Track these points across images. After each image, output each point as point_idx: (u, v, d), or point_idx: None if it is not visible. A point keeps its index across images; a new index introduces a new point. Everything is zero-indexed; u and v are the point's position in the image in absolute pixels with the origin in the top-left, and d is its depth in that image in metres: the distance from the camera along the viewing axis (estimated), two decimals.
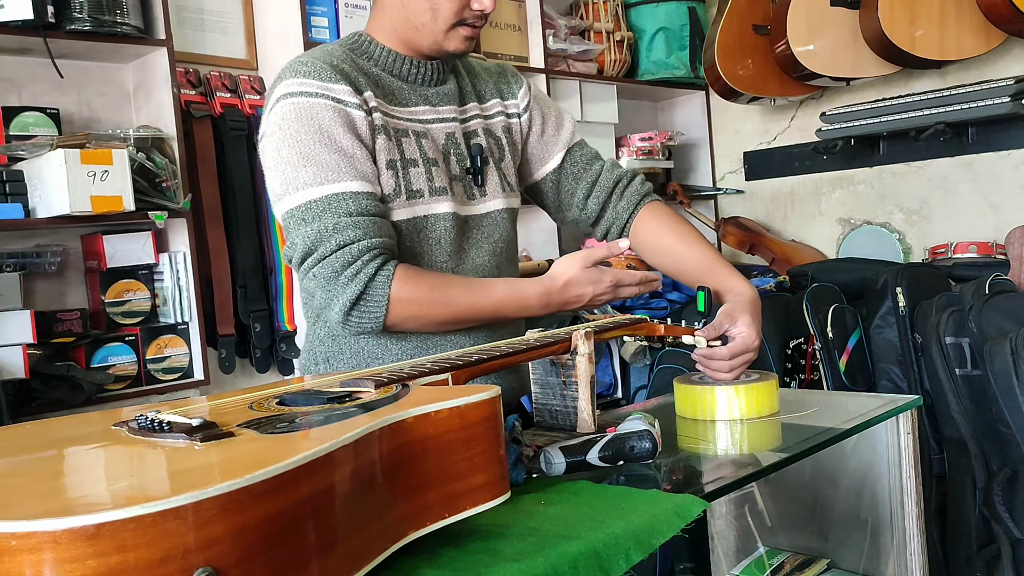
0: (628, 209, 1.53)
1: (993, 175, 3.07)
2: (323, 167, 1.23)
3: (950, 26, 2.85)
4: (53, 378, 2.16)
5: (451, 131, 1.39)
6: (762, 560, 1.60)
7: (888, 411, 1.35)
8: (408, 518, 0.74)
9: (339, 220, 1.22)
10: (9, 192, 2.09)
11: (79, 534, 0.50)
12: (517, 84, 1.52)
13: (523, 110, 1.51)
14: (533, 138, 1.53)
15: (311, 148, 1.23)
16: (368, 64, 1.36)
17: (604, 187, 1.53)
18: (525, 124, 1.52)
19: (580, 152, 1.55)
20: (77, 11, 2.17)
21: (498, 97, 1.50)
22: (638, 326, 1.36)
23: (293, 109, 1.25)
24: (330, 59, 1.30)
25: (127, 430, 0.75)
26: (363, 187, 1.25)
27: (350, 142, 1.25)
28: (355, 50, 1.37)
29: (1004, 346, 2.26)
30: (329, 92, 1.26)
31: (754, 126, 3.71)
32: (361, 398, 0.85)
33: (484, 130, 1.45)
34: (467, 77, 1.48)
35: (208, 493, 0.53)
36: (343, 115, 1.26)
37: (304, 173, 1.23)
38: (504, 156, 1.47)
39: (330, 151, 1.24)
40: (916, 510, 1.40)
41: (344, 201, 1.23)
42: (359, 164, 1.25)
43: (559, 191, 1.55)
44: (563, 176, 1.54)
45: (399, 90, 1.36)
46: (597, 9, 3.39)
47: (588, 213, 1.54)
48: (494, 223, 1.42)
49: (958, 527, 2.43)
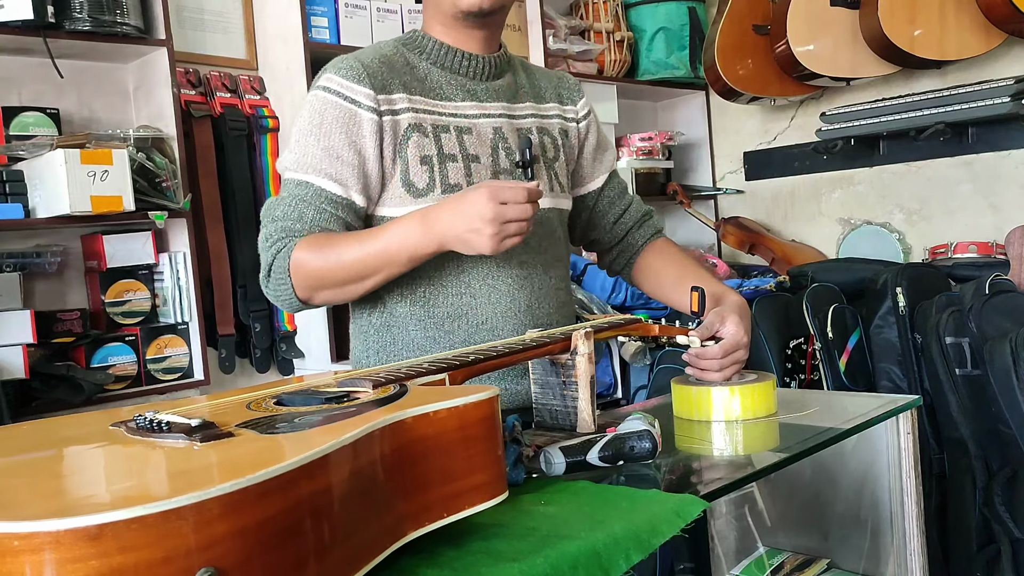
0: (643, 239, 1.60)
1: (993, 175, 3.07)
2: (306, 156, 1.31)
3: (950, 26, 2.85)
4: (53, 378, 2.16)
5: (499, 126, 1.41)
6: (762, 560, 1.60)
7: (888, 411, 1.35)
8: (407, 518, 0.74)
9: (293, 204, 1.29)
10: (9, 192, 2.09)
11: (81, 535, 0.50)
12: (578, 93, 1.56)
13: (582, 118, 1.54)
14: (588, 151, 1.56)
15: (307, 138, 1.32)
16: (419, 58, 1.39)
17: (633, 217, 1.61)
18: (583, 133, 1.55)
19: (616, 179, 1.62)
20: (77, 11, 2.17)
21: (557, 101, 1.52)
22: (633, 326, 1.36)
23: (313, 101, 1.34)
24: (372, 57, 1.35)
25: (126, 430, 0.75)
26: (331, 187, 1.30)
27: (344, 145, 1.30)
28: (408, 44, 1.41)
29: (1004, 346, 2.26)
30: (346, 92, 1.31)
31: (754, 126, 3.71)
32: (359, 398, 0.85)
33: (539, 128, 1.46)
34: (525, 76, 1.50)
35: (210, 493, 0.53)
36: (350, 116, 1.30)
37: (291, 156, 1.33)
38: (558, 156, 1.49)
39: (318, 145, 1.30)
40: (916, 510, 1.40)
41: (305, 189, 1.30)
42: (340, 166, 1.30)
43: (594, 210, 1.60)
44: (601, 198, 1.59)
45: (447, 85, 1.39)
46: (597, 9, 3.39)
47: (613, 236, 1.61)
48: (540, 220, 1.41)
49: (958, 527, 2.43)
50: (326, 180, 1.30)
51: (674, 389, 1.37)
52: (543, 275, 1.42)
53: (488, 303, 1.36)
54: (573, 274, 3.02)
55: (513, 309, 1.37)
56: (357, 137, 1.30)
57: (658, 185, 3.61)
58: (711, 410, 1.31)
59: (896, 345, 2.60)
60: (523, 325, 1.36)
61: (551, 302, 1.42)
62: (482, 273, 1.36)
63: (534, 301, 1.39)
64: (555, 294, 1.43)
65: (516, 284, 1.37)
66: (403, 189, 1.33)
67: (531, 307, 1.38)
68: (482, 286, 1.36)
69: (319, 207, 1.29)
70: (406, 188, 1.33)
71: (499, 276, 1.36)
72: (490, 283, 1.36)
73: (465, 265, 1.35)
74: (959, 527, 2.43)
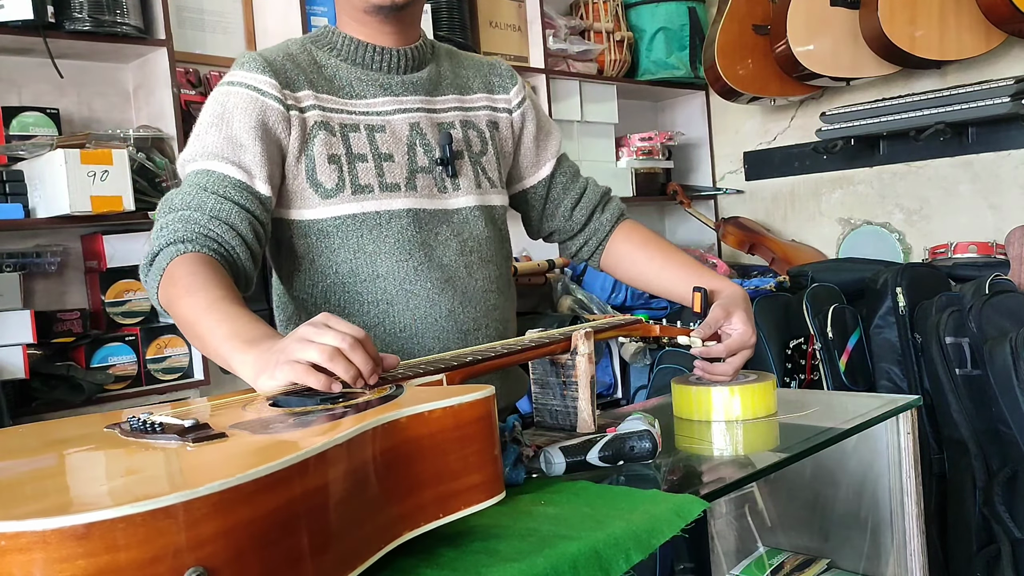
0: (610, 222, 1.54)
1: (993, 175, 3.06)
2: (206, 147, 1.24)
3: (950, 26, 2.84)
4: (53, 378, 2.16)
5: (415, 121, 1.35)
6: (762, 560, 1.60)
7: (888, 411, 1.35)
8: (402, 518, 0.74)
9: (193, 193, 1.20)
10: (9, 192, 2.09)
11: (69, 534, 0.50)
12: (511, 81, 1.49)
13: (515, 106, 1.47)
14: (527, 140, 1.50)
15: (207, 130, 1.25)
16: (328, 56, 1.34)
17: (591, 200, 1.54)
18: (517, 122, 1.48)
19: (567, 163, 1.55)
20: (77, 11, 2.17)
21: (486, 91, 1.45)
22: (633, 326, 1.36)
23: (214, 95, 1.28)
24: (276, 53, 1.30)
25: (120, 432, 0.75)
26: (234, 172, 1.22)
27: (246, 132, 1.23)
28: (317, 41, 1.36)
29: (1004, 346, 2.26)
30: (249, 81, 1.26)
31: (754, 126, 3.71)
32: (355, 398, 0.85)
33: (462, 122, 1.40)
34: (450, 67, 1.43)
35: (199, 492, 0.53)
36: (256, 104, 1.24)
37: (189, 150, 1.26)
38: (486, 150, 1.42)
39: (219, 135, 1.23)
40: (916, 510, 1.39)
41: (206, 177, 1.21)
42: (242, 153, 1.22)
43: (547, 200, 1.54)
44: (553, 185, 1.54)
45: (357, 81, 1.33)
46: (597, 9, 3.39)
47: (573, 224, 1.54)
48: (464, 220, 1.37)
49: (958, 527, 2.43)
50: (228, 166, 1.21)
51: (674, 389, 1.37)
52: (467, 278, 1.35)
53: (407, 309, 1.30)
54: (573, 274, 3.01)
55: (433, 315, 1.31)
56: (261, 123, 1.24)
57: (658, 185, 3.61)
58: (711, 410, 1.31)
59: (896, 345, 2.60)
60: (446, 332, 1.31)
61: (478, 307, 1.35)
62: (399, 278, 1.30)
63: (456, 306, 1.32)
64: (483, 297, 1.36)
65: (436, 288, 1.31)
66: (311, 189, 1.28)
67: (453, 312, 1.32)
68: (399, 292, 1.30)
69: (221, 195, 1.19)
70: (313, 188, 1.28)
71: (417, 281, 1.30)
72: (407, 288, 1.30)
73: (380, 270, 1.29)
74: (959, 527, 2.42)
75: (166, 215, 1.19)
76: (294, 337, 0.91)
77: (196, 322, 1.06)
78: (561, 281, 2.95)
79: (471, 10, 3.00)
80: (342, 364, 0.87)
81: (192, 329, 1.08)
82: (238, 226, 1.19)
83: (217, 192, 1.20)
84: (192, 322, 1.06)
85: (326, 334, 0.89)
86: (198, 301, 1.07)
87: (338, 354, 0.87)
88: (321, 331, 0.90)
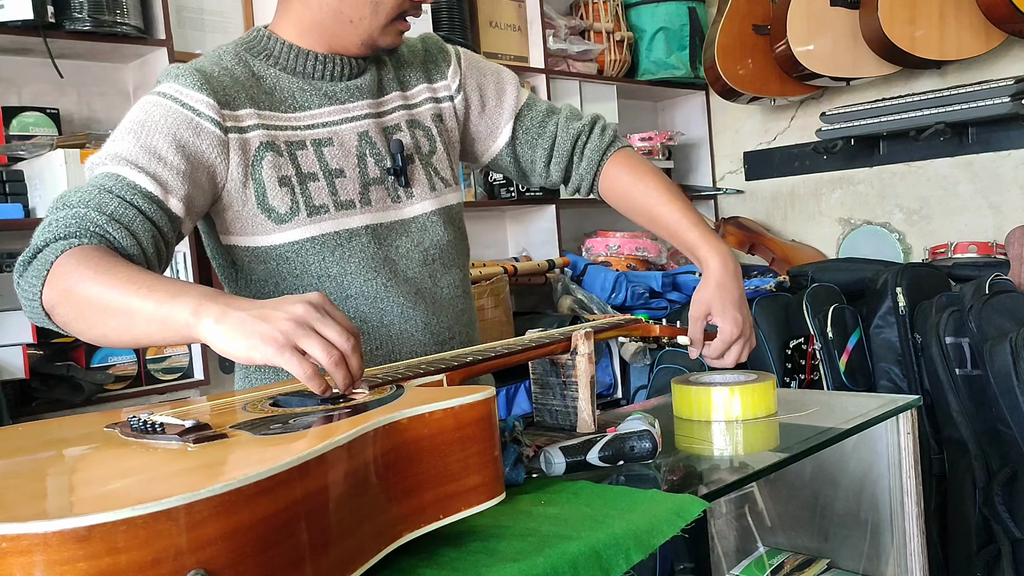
0: (591, 170, 1.45)
1: (993, 175, 3.06)
2: (119, 152, 1.11)
3: (950, 26, 2.84)
4: (53, 378, 2.16)
5: (363, 130, 1.28)
6: (762, 560, 1.60)
7: (888, 411, 1.35)
8: (402, 519, 0.74)
9: (94, 193, 1.05)
10: (9, 192, 2.09)
11: (70, 536, 0.50)
12: (445, 63, 1.39)
13: (455, 91, 1.39)
14: (474, 117, 1.41)
15: (124, 136, 1.13)
16: (264, 65, 1.24)
17: (563, 150, 1.44)
18: (460, 106, 1.40)
19: (530, 115, 1.44)
20: (77, 11, 2.17)
21: (425, 82, 1.37)
22: (633, 326, 1.36)
23: (141, 103, 1.17)
24: (213, 67, 1.20)
25: (120, 432, 0.75)
26: (144, 182, 1.08)
27: (169, 147, 1.11)
28: (251, 49, 1.25)
29: (1004, 346, 2.26)
30: (183, 98, 1.15)
31: (754, 126, 3.71)
32: (355, 399, 0.84)
33: (408, 122, 1.33)
34: (389, 64, 1.35)
35: (201, 495, 0.53)
36: (187, 123, 1.14)
37: (99, 154, 1.13)
38: (435, 149, 1.35)
39: (136, 143, 1.11)
40: (916, 510, 1.39)
41: (112, 180, 1.07)
42: (159, 167, 1.10)
43: (518, 162, 1.46)
44: (518, 146, 1.44)
45: (299, 92, 1.25)
46: (597, 9, 3.39)
47: (553, 179, 1.47)
48: (422, 228, 1.31)
49: (958, 527, 2.43)
50: (141, 175, 1.08)
51: (674, 389, 1.37)
52: (433, 288, 1.31)
53: (381, 327, 1.25)
54: (573, 274, 3.02)
55: (409, 330, 1.27)
56: (191, 144, 1.13)
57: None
58: (711, 410, 1.31)
59: (896, 345, 2.60)
60: (422, 344, 1.27)
61: (448, 314, 1.32)
62: (369, 297, 1.24)
63: (431, 318, 1.29)
64: (451, 304, 1.33)
65: (409, 303, 1.27)
66: (263, 215, 1.19)
67: (428, 325, 1.28)
68: (372, 311, 1.24)
69: (125, 200, 1.05)
70: (266, 214, 1.19)
71: (387, 298, 1.25)
72: (379, 306, 1.25)
73: (349, 291, 1.24)
74: (959, 527, 2.42)
75: (57, 212, 1.04)
76: (290, 312, 0.82)
77: (118, 297, 0.91)
78: (561, 281, 2.95)
79: (471, 10, 3.00)
80: (343, 372, 0.82)
81: (109, 308, 0.92)
82: (139, 235, 1.05)
83: (123, 197, 1.06)
84: (109, 301, 0.91)
85: (328, 326, 0.83)
86: (115, 275, 0.93)
87: (342, 361, 0.82)
88: (323, 320, 0.83)
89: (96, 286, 0.93)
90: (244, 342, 0.82)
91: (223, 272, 1.30)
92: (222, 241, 1.25)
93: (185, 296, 0.88)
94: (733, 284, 1.32)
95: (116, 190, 1.06)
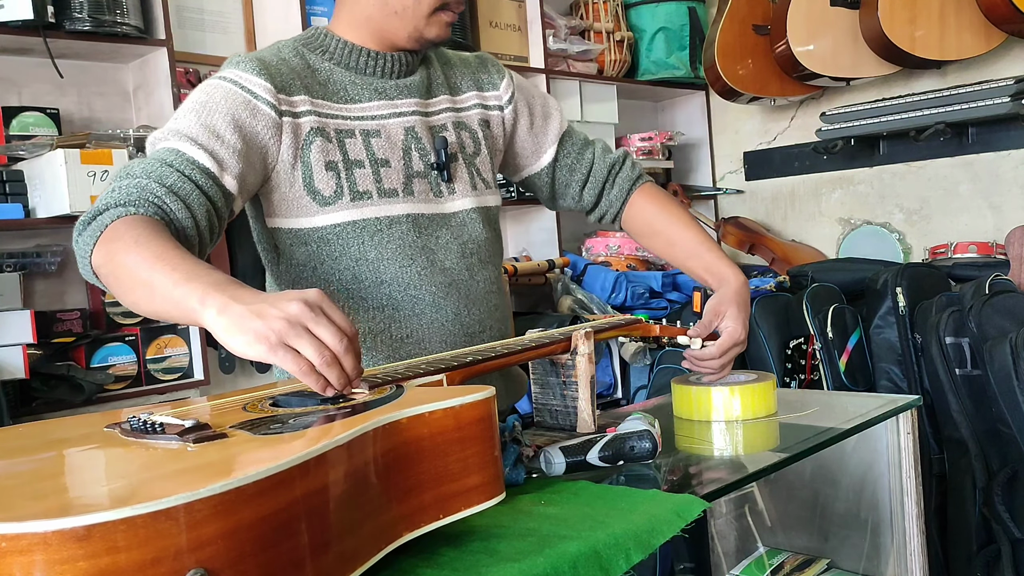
0: (620, 197, 1.53)
1: (993, 175, 3.06)
2: (180, 129, 1.16)
3: (950, 26, 2.84)
4: (53, 378, 2.16)
5: (410, 125, 1.33)
6: (762, 560, 1.60)
7: (888, 411, 1.35)
8: (402, 519, 0.74)
9: (156, 165, 1.12)
10: (9, 192, 2.09)
11: (69, 535, 0.50)
12: (499, 75, 1.47)
13: (506, 103, 1.46)
14: (522, 131, 1.48)
15: (186, 115, 1.18)
16: (320, 59, 1.31)
17: (599, 177, 1.52)
18: (509, 117, 1.46)
19: (571, 142, 1.53)
20: (77, 11, 2.17)
21: (475, 89, 1.44)
22: (633, 326, 1.36)
23: (202, 87, 1.23)
24: (271, 56, 1.27)
25: (120, 431, 0.75)
26: (203, 158, 1.14)
27: (227, 126, 1.17)
28: (308, 44, 1.32)
29: (1004, 346, 2.26)
30: (243, 82, 1.21)
31: (754, 126, 3.71)
32: (355, 399, 0.84)
33: (455, 123, 1.39)
34: (440, 68, 1.42)
35: (200, 494, 0.53)
36: (246, 104, 1.20)
37: (160, 131, 1.18)
38: (479, 151, 1.41)
39: (198, 122, 1.17)
40: (916, 510, 1.40)
41: (173, 155, 1.13)
42: (217, 144, 1.15)
43: (554, 183, 1.54)
44: (558, 169, 1.52)
45: (351, 85, 1.31)
46: (597, 9, 3.39)
47: (584, 203, 1.55)
48: (462, 223, 1.36)
49: (958, 527, 2.43)
50: (200, 151, 1.14)
51: (674, 389, 1.37)
52: (469, 280, 1.35)
53: (412, 315, 1.28)
54: (573, 274, 3.01)
55: (439, 320, 1.30)
56: (248, 124, 1.19)
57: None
58: (711, 410, 1.31)
59: (896, 345, 2.60)
60: (452, 336, 1.31)
61: (481, 308, 1.35)
62: (403, 284, 1.28)
63: (462, 309, 1.32)
64: (485, 299, 1.36)
65: (441, 293, 1.30)
66: (308, 197, 1.25)
67: (459, 316, 1.32)
68: (404, 297, 1.28)
69: (184, 174, 1.11)
70: (311, 196, 1.25)
71: (421, 286, 1.29)
72: (412, 293, 1.28)
73: (384, 276, 1.28)
74: (959, 527, 2.42)
75: (121, 180, 1.10)
76: (284, 310, 0.83)
77: (146, 270, 0.95)
78: (561, 281, 2.95)
79: (471, 10, 3.00)
80: (336, 372, 0.83)
81: (138, 278, 0.96)
82: (194, 208, 1.11)
83: (182, 171, 1.11)
84: (139, 271, 0.96)
85: (323, 326, 0.83)
86: (150, 248, 0.97)
87: (335, 361, 0.82)
88: (317, 319, 0.83)
89: (132, 255, 0.98)
90: (241, 338, 0.84)
91: (266, 256, 1.35)
92: (267, 224, 1.29)
93: (197, 281, 0.91)
94: (747, 299, 1.40)
95: (176, 164, 1.12)
